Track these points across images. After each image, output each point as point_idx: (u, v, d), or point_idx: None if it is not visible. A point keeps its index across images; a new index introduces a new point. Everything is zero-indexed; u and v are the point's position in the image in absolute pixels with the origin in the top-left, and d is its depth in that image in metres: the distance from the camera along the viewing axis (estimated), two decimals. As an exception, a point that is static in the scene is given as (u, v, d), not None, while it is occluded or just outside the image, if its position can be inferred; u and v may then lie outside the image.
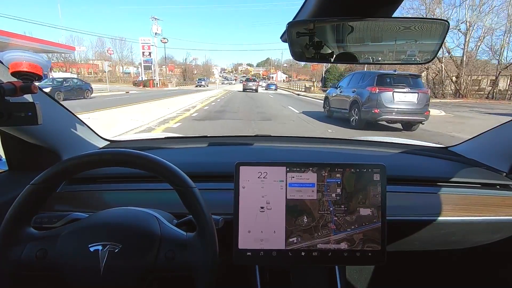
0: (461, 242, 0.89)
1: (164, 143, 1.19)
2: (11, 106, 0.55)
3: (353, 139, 1.34)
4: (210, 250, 0.55)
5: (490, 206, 0.85)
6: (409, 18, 0.54)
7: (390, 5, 0.51)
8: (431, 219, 0.80)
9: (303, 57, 0.60)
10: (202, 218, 0.57)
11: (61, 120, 0.91)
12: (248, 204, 0.68)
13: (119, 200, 0.83)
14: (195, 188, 0.57)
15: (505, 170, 0.94)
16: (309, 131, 6.73)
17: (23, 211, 0.55)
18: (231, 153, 1.12)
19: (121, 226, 0.58)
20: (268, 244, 0.68)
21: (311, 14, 0.53)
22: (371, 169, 0.69)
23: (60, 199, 0.83)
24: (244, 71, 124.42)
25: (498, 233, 0.86)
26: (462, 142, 1.16)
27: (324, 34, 0.58)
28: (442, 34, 0.55)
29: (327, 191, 0.69)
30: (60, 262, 0.55)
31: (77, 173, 0.59)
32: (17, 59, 0.53)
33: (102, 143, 1.10)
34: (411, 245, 0.88)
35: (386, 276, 1.10)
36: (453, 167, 1.00)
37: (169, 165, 0.58)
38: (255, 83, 28.41)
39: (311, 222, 0.68)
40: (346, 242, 0.68)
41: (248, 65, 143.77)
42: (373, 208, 0.68)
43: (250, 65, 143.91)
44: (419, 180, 0.93)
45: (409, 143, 1.34)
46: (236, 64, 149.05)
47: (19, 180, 0.80)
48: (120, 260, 0.54)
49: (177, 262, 0.56)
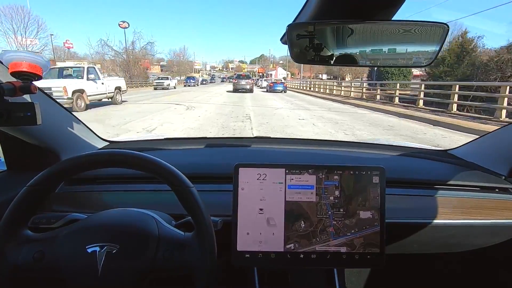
0: (460, 245, 0.89)
1: (163, 144, 1.19)
2: (11, 106, 0.55)
3: (353, 142, 1.34)
4: (208, 250, 0.55)
5: (489, 209, 0.85)
6: (409, 21, 0.54)
7: (390, 8, 0.51)
8: (430, 222, 0.80)
9: (303, 59, 0.61)
10: (199, 218, 0.56)
11: (60, 121, 0.91)
12: (247, 205, 0.68)
13: (118, 201, 0.83)
14: (193, 188, 0.57)
15: (504, 173, 0.94)
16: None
17: (20, 213, 0.55)
18: (230, 154, 1.12)
19: (118, 227, 0.58)
20: (266, 246, 0.68)
21: (311, 16, 0.54)
22: (370, 172, 0.69)
23: (58, 199, 0.83)
24: (236, 68, 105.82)
25: (497, 236, 0.86)
26: (462, 145, 1.16)
27: (324, 36, 0.58)
28: (441, 37, 0.55)
29: (325, 193, 0.68)
30: (58, 263, 0.54)
31: (74, 174, 0.59)
32: (17, 59, 0.53)
33: (101, 143, 1.10)
34: (410, 248, 0.88)
35: (385, 279, 1.10)
36: (452, 170, 1.00)
37: (166, 164, 0.58)
38: (248, 80, 22.35)
39: (309, 227, 0.68)
40: (347, 247, 0.68)
41: (241, 62, 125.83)
42: (374, 211, 0.68)
43: (242, 62, 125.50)
44: (418, 183, 0.93)
45: (409, 145, 1.34)
46: (227, 61, 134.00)
47: (18, 180, 0.79)
48: (118, 261, 0.54)
49: (175, 262, 0.56)
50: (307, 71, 63.90)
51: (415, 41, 0.57)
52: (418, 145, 1.36)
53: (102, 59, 35.20)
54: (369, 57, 0.60)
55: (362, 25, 0.55)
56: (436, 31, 0.55)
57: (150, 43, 40.50)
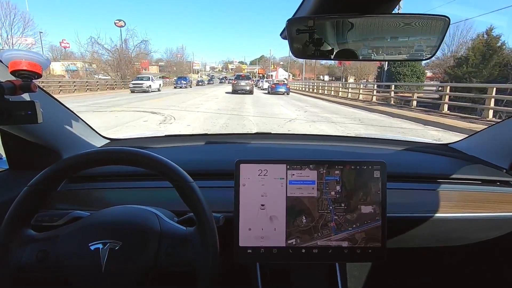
0: (462, 238, 0.89)
1: (164, 141, 1.19)
2: (11, 105, 0.55)
3: (353, 136, 1.34)
4: (210, 244, 0.56)
5: (491, 202, 0.85)
6: (409, 14, 0.54)
7: (390, 2, 0.50)
8: (432, 216, 0.80)
9: (303, 54, 0.60)
10: (201, 213, 0.57)
11: (61, 119, 0.91)
12: (248, 201, 0.68)
13: (120, 198, 0.83)
14: (193, 183, 0.58)
15: (506, 166, 0.94)
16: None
17: (22, 212, 0.55)
18: (231, 150, 1.12)
19: (120, 224, 0.58)
20: (268, 241, 0.68)
21: (311, 11, 0.53)
22: (371, 166, 0.69)
23: (61, 197, 0.83)
24: (235, 69, 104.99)
25: (498, 230, 0.87)
26: (463, 139, 1.16)
27: (324, 31, 0.58)
28: (442, 30, 0.55)
29: (326, 188, 0.68)
30: (61, 262, 0.55)
31: (75, 172, 0.59)
32: (17, 57, 0.53)
33: (102, 141, 1.10)
34: (411, 242, 0.88)
35: (387, 273, 1.10)
36: (453, 164, 1.00)
37: (166, 161, 0.58)
38: (248, 81, 21.31)
39: (310, 223, 0.68)
40: (348, 242, 0.68)
41: (241, 63, 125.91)
42: (375, 206, 0.68)
43: (242, 63, 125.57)
44: (419, 177, 0.93)
45: (410, 140, 1.34)
46: (227, 62, 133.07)
47: (20, 179, 0.80)
48: (121, 258, 0.54)
49: (178, 258, 0.56)
50: (309, 72, 61.82)
51: (416, 35, 0.57)
52: (419, 139, 1.36)
53: (99, 59, 33.12)
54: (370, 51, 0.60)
55: (362, 19, 0.55)
56: (437, 24, 0.54)
57: (144, 41, 37.14)
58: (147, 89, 21.37)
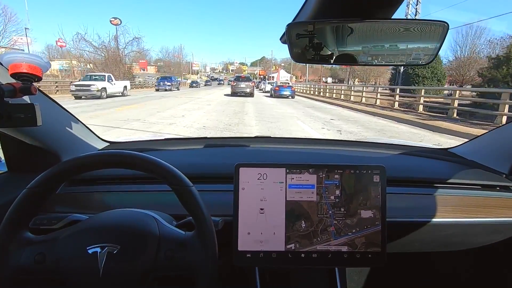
0: (462, 243, 0.89)
1: (164, 145, 1.19)
2: (11, 108, 0.55)
3: (353, 141, 1.34)
4: (209, 248, 0.55)
5: (490, 207, 0.85)
6: (409, 19, 0.54)
7: (390, 7, 0.51)
8: (431, 220, 0.80)
9: (303, 58, 0.61)
10: (200, 217, 0.56)
11: (60, 121, 0.91)
12: (247, 205, 0.68)
13: (119, 202, 0.83)
14: (192, 187, 0.57)
15: (505, 171, 0.94)
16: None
17: (20, 215, 0.55)
18: (230, 154, 1.12)
19: (119, 227, 0.58)
20: (267, 245, 0.68)
21: (311, 16, 0.54)
22: (371, 171, 0.69)
23: (60, 200, 0.83)
24: (236, 70, 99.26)
25: (498, 235, 0.86)
26: (462, 144, 1.16)
27: (324, 36, 0.58)
28: (441, 36, 0.55)
29: (326, 193, 0.68)
30: (59, 265, 0.54)
31: (74, 175, 0.59)
32: (17, 60, 0.53)
33: (102, 144, 1.10)
34: (411, 247, 0.87)
35: (386, 278, 1.10)
36: (453, 169, 1.00)
37: (165, 164, 0.58)
38: (249, 83, 19.39)
39: (309, 227, 0.68)
40: (348, 247, 0.68)
41: (241, 64, 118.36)
42: (375, 210, 0.68)
43: (243, 64, 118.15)
44: (419, 182, 0.93)
45: (409, 144, 1.34)
46: (227, 63, 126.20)
47: (19, 181, 0.79)
48: (119, 261, 0.54)
49: (176, 262, 0.56)
50: (312, 74, 60.99)
51: (415, 40, 0.57)
52: (419, 144, 1.36)
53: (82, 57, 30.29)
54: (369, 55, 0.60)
55: (361, 24, 0.55)
56: (436, 29, 0.55)
57: (136, 38, 32.02)
58: (98, 93, 14.76)
